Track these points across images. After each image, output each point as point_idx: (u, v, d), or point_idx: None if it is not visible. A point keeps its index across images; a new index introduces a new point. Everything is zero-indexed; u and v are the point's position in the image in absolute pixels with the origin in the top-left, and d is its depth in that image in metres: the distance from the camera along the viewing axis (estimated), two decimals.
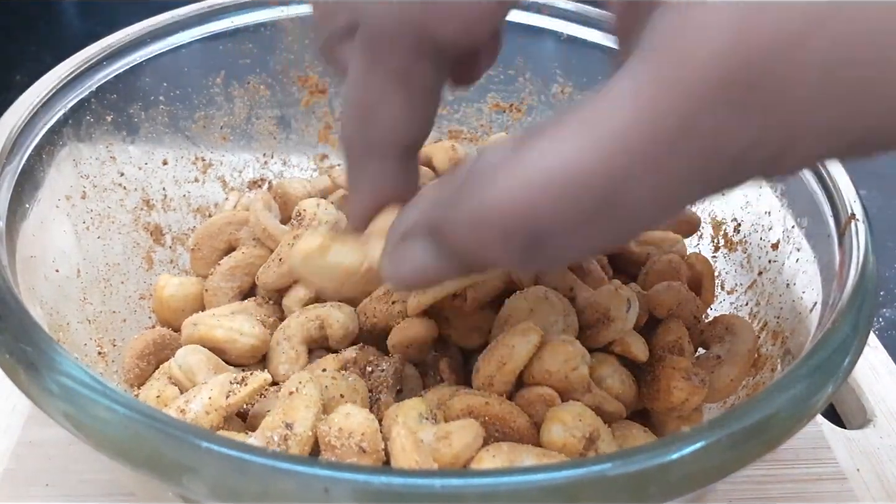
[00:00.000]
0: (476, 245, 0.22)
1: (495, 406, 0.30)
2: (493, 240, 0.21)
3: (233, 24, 0.45)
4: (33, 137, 0.35)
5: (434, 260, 0.24)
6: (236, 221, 0.41)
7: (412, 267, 0.25)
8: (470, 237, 0.22)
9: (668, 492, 0.22)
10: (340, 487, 0.21)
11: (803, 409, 0.25)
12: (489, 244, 0.21)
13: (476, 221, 0.21)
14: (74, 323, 0.34)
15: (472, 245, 0.22)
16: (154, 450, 0.22)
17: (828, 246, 0.34)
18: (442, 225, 0.23)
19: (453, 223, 0.22)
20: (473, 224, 0.22)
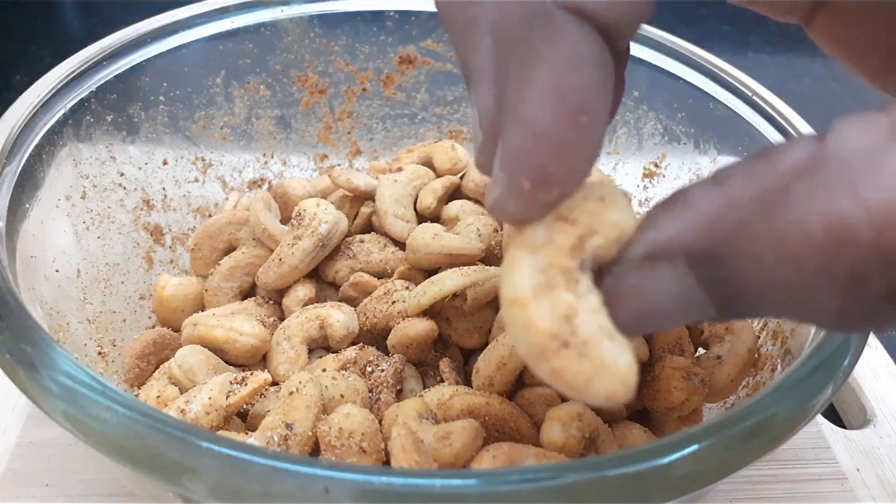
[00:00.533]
0: (787, 276, 0.16)
1: (495, 406, 0.30)
2: (830, 269, 0.15)
3: (233, 24, 0.45)
4: (33, 137, 0.35)
5: (689, 297, 0.18)
6: (236, 221, 0.41)
7: (650, 303, 0.19)
8: (773, 262, 0.16)
9: (668, 492, 0.22)
10: (340, 487, 0.21)
11: (803, 409, 0.25)
12: (820, 275, 0.15)
13: (796, 237, 0.15)
14: (74, 323, 0.34)
15: (766, 275, 0.16)
16: (154, 450, 0.22)
17: None
18: (727, 244, 0.17)
19: (750, 241, 0.16)
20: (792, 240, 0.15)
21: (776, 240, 0.16)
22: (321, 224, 0.38)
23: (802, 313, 0.17)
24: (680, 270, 0.18)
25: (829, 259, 0.15)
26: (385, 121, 0.51)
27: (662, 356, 0.34)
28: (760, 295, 0.17)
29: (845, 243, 0.15)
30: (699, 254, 0.17)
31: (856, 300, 0.15)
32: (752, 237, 0.16)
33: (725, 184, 0.17)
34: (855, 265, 0.15)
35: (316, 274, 0.39)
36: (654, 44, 0.46)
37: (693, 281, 0.18)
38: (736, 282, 0.17)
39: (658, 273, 0.18)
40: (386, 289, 0.36)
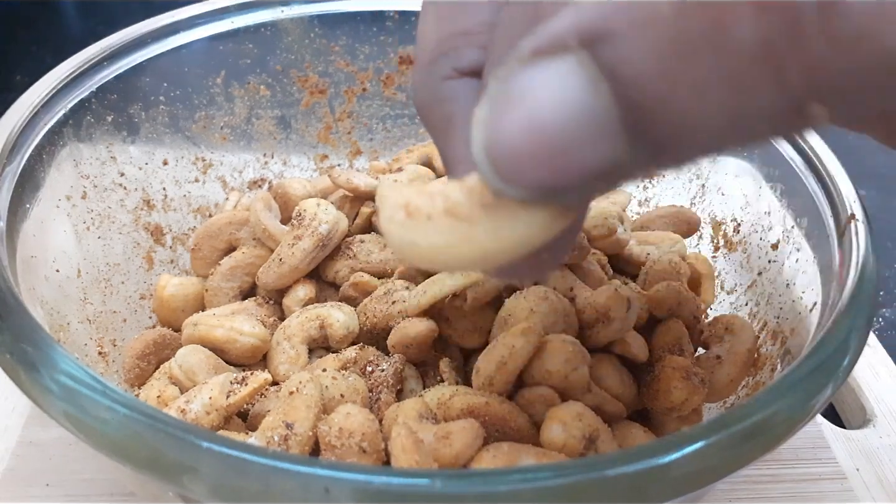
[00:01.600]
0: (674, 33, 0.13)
1: (495, 406, 0.30)
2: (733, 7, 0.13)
3: (233, 24, 0.45)
4: (34, 137, 0.35)
5: (585, 93, 0.14)
6: (236, 221, 0.41)
7: (539, 103, 0.15)
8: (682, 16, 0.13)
9: (668, 492, 0.22)
10: (341, 487, 0.21)
11: (803, 409, 0.25)
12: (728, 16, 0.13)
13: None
14: (75, 323, 0.34)
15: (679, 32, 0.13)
16: (154, 450, 0.22)
17: (827, 246, 0.34)
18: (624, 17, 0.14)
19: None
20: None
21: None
22: (321, 224, 0.38)
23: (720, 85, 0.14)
24: (572, 60, 0.14)
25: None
26: (385, 121, 0.51)
27: (662, 356, 0.34)
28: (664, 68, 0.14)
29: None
30: (593, 30, 0.14)
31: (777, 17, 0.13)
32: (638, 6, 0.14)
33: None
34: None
35: (316, 274, 0.39)
36: None
37: (591, 70, 0.14)
38: (637, 55, 0.14)
39: (548, 65, 0.15)
40: (386, 289, 0.36)
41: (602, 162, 0.15)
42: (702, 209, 0.45)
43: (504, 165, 0.15)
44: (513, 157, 0.15)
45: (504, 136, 0.15)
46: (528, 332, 0.30)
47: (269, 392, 0.33)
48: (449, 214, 0.17)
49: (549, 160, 0.15)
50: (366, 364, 0.34)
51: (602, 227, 0.39)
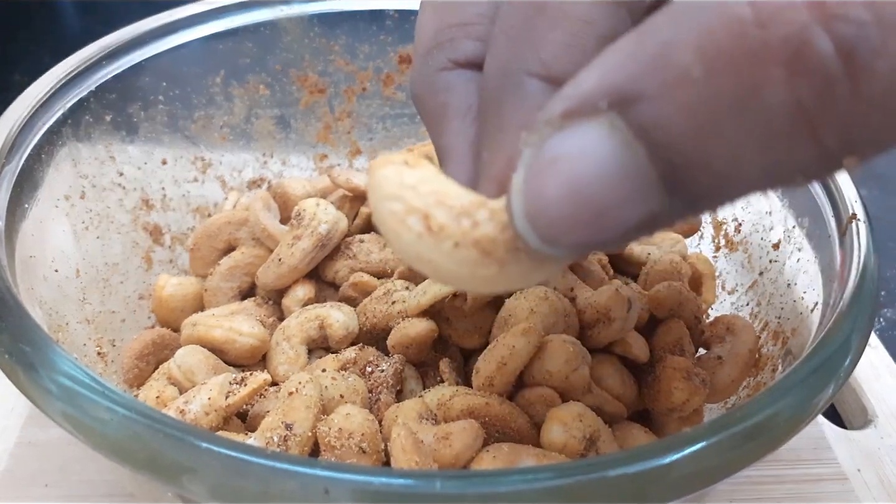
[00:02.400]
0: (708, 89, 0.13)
1: (495, 406, 0.30)
2: (746, 54, 0.13)
3: (232, 23, 0.45)
4: (32, 137, 0.35)
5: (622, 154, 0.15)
6: (236, 221, 0.41)
7: (577, 169, 0.15)
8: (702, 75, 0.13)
9: (669, 493, 0.22)
10: (340, 488, 0.21)
11: (804, 409, 0.25)
12: (739, 67, 0.13)
13: (722, 25, 0.13)
14: (73, 323, 0.34)
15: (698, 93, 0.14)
16: (154, 450, 0.22)
17: (829, 246, 0.34)
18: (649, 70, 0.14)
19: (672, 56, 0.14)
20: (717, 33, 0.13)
21: (700, 41, 0.13)
22: (321, 224, 0.38)
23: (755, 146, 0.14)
24: (605, 122, 0.15)
25: (762, 35, 0.13)
26: (385, 120, 0.51)
27: (663, 356, 0.34)
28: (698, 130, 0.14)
29: (776, 10, 0.13)
30: (623, 91, 0.14)
31: (808, 80, 0.13)
32: (673, 51, 0.14)
33: (641, 26, 0.15)
34: (793, 31, 0.13)
35: (315, 274, 0.39)
36: None
37: (623, 133, 0.14)
38: (669, 118, 0.14)
39: (581, 129, 0.15)
40: (386, 289, 0.36)
41: (640, 218, 0.15)
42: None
43: (546, 231, 0.16)
44: (554, 224, 0.15)
45: (544, 203, 0.15)
46: (529, 332, 0.30)
47: (269, 392, 0.33)
48: (479, 248, 0.17)
49: (590, 222, 0.15)
50: (365, 364, 0.34)
51: None
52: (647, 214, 0.15)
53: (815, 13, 0.13)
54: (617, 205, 0.15)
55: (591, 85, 0.15)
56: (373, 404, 0.32)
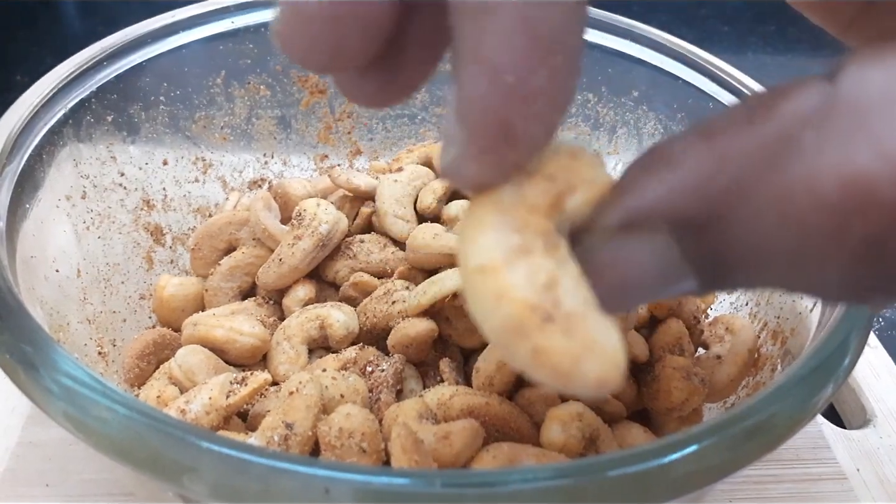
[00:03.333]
0: (791, 241, 0.13)
1: (495, 406, 0.30)
2: (845, 233, 0.13)
3: (233, 24, 0.45)
4: (33, 137, 0.35)
5: (672, 269, 0.16)
6: (236, 221, 0.41)
7: (629, 275, 0.16)
8: (773, 228, 0.13)
9: (668, 492, 0.22)
10: (341, 487, 0.21)
11: (803, 409, 0.25)
12: (831, 240, 0.13)
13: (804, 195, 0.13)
14: (75, 323, 0.34)
15: (764, 243, 0.14)
16: (154, 450, 0.22)
17: None
18: (718, 208, 0.14)
19: (747, 203, 0.14)
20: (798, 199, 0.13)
21: (779, 200, 0.13)
22: (321, 224, 0.38)
23: (800, 285, 0.14)
24: (662, 240, 0.15)
25: (842, 222, 0.13)
26: (385, 121, 0.51)
27: (662, 356, 0.34)
28: (755, 266, 0.14)
29: (863, 203, 0.12)
30: (685, 221, 0.15)
31: (867, 271, 0.13)
32: (750, 198, 0.14)
33: (715, 136, 0.15)
34: (872, 229, 0.13)
35: (316, 274, 0.39)
36: (653, 44, 0.46)
37: (677, 252, 0.15)
38: (728, 252, 0.14)
39: (637, 243, 0.16)
40: (386, 289, 0.36)
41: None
42: None
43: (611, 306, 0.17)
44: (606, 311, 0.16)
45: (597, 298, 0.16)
46: None
47: (269, 392, 0.33)
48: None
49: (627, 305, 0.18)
50: (366, 364, 0.34)
51: None
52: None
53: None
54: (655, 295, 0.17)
55: (653, 202, 0.15)
56: (373, 404, 0.32)
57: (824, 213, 0.13)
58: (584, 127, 0.49)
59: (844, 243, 0.13)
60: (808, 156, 0.13)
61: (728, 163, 0.14)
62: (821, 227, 0.13)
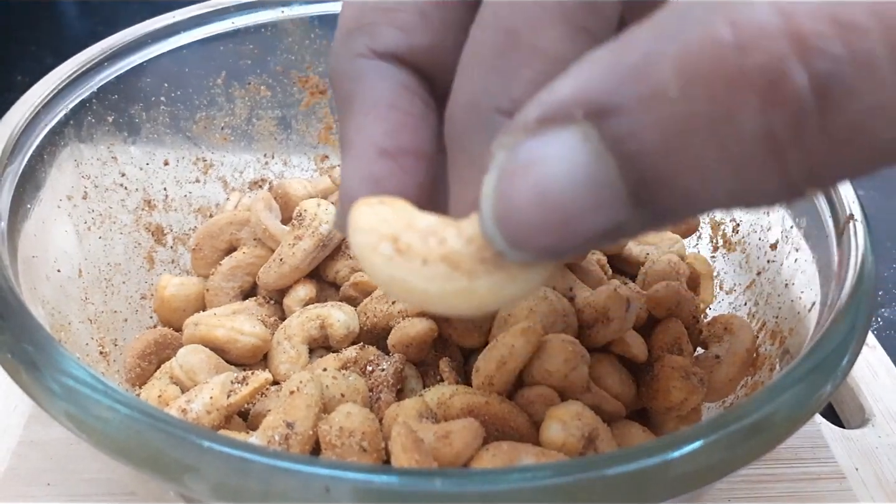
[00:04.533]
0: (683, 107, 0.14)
1: (495, 405, 0.30)
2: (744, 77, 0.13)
3: (234, 24, 0.45)
4: (35, 138, 0.35)
5: (592, 166, 0.15)
6: (237, 222, 0.41)
7: (547, 175, 0.15)
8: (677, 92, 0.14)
9: (667, 491, 0.22)
10: (341, 486, 0.21)
11: (802, 408, 0.25)
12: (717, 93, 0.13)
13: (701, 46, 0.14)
14: (76, 323, 0.34)
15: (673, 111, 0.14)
16: (156, 449, 0.22)
17: (826, 246, 0.34)
18: (626, 82, 0.14)
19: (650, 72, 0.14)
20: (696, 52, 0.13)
21: (679, 60, 0.14)
22: (322, 224, 0.38)
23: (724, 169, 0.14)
24: (578, 131, 0.15)
25: (741, 61, 0.13)
26: None
27: (661, 355, 0.34)
28: (665, 140, 0.14)
29: (756, 36, 0.13)
30: (598, 103, 0.15)
31: (781, 112, 0.13)
32: (651, 67, 0.14)
33: (622, 36, 0.15)
34: (771, 61, 0.13)
35: (317, 274, 0.40)
36: None
37: (595, 145, 0.15)
38: (642, 134, 0.14)
39: (555, 136, 0.15)
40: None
41: (606, 227, 0.16)
42: None
43: (513, 234, 0.16)
44: (522, 227, 0.16)
45: (513, 205, 0.16)
46: (528, 331, 0.31)
47: (270, 392, 0.33)
48: (447, 262, 0.17)
49: (557, 228, 0.15)
50: (366, 364, 0.34)
51: None
52: (613, 224, 0.15)
53: (794, 45, 0.13)
54: (584, 212, 0.15)
55: (567, 93, 0.15)
56: (373, 403, 0.32)
57: (722, 57, 0.13)
58: None
59: (749, 83, 0.13)
60: (700, 15, 0.14)
61: (634, 46, 0.15)
62: (721, 72, 0.13)
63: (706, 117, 0.14)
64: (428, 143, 0.22)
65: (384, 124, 0.21)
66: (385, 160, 0.21)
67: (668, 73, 0.14)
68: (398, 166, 0.21)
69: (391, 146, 0.21)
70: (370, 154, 0.21)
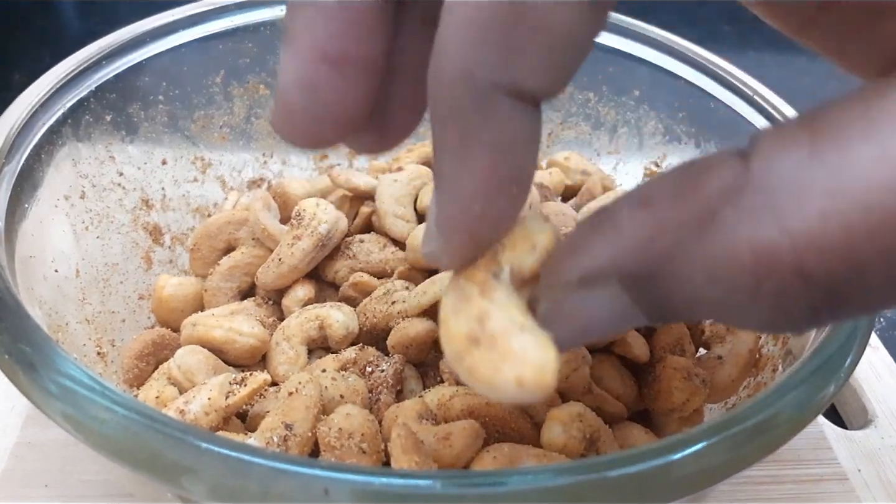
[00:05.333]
0: (719, 294, 0.17)
1: (496, 407, 0.30)
2: (758, 290, 0.16)
3: (232, 23, 0.45)
4: (32, 137, 0.35)
5: (625, 314, 0.19)
6: (235, 221, 0.41)
7: (589, 322, 0.19)
8: (703, 283, 0.17)
9: (670, 493, 0.22)
10: (340, 488, 0.21)
11: (805, 409, 0.25)
12: (749, 295, 0.16)
13: (726, 260, 0.16)
14: (73, 323, 0.34)
15: (697, 294, 0.17)
16: (153, 450, 0.22)
17: None
18: (659, 267, 0.17)
19: (682, 264, 0.17)
20: (721, 263, 0.16)
21: (706, 263, 0.17)
22: (321, 224, 0.38)
23: (732, 323, 0.18)
24: (614, 291, 0.18)
25: (757, 281, 0.16)
26: None
27: (663, 356, 0.34)
28: (691, 310, 0.18)
29: (771, 267, 0.16)
30: (632, 276, 0.18)
31: (782, 314, 0.17)
32: (684, 260, 0.17)
33: (652, 205, 0.18)
34: (780, 286, 0.16)
35: (315, 274, 0.39)
36: (655, 43, 0.46)
37: (627, 300, 0.18)
38: (668, 300, 0.18)
39: (594, 296, 0.19)
40: (386, 289, 0.36)
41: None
42: None
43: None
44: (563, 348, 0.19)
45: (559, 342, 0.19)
46: None
47: (269, 393, 0.33)
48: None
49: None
50: (365, 364, 0.34)
51: None
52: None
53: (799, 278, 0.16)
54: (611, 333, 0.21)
55: (604, 263, 0.18)
56: (373, 404, 0.32)
57: (742, 274, 0.16)
58: (584, 126, 0.49)
59: (761, 296, 0.16)
60: (727, 228, 0.16)
61: (664, 230, 0.17)
62: (740, 284, 0.16)
63: (725, 303, 0.17)
64: (377, 54, 0.21)
65: (332, 24, 0.20)
66: (326, 66, 0.20)
67: (696, 270, 0.17)
68: (339, 74, 0.20)
69: (335, 51, 0.20)
70: (311, 56, 0.20)
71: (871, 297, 0.16)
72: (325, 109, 0.21)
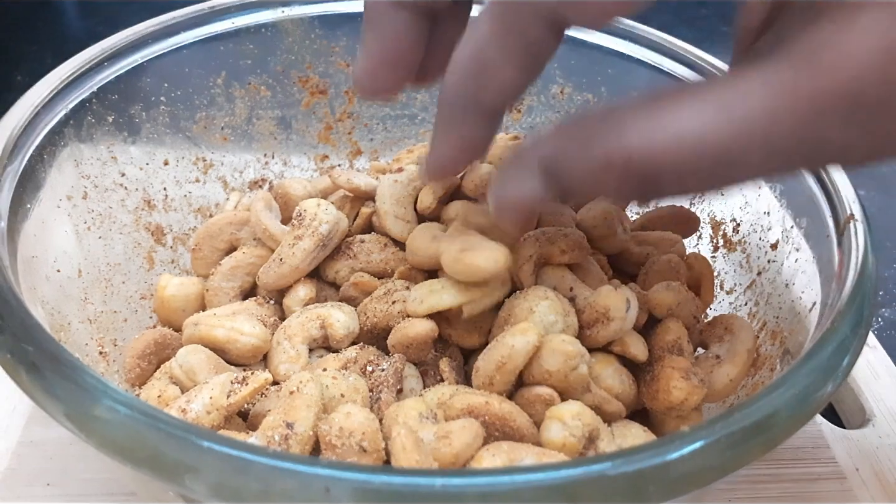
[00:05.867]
0: (591, 180, 0.25)
1: (495, 405, 0.30)
2: (612, 178, 0.24)
3: (234, 24, 0.45)
4: (34, 138, 0.35)
5: (539, 190, 0.26)
6: (237, 222, 0.41)
7: (516, 192, 0.27)
8: (589, 172, 0.24)
9: (668, 491, 0.22)
10: (341, 487, 0.21)
11: (802, 408, 0.25)
12: (606, 180, 0.24)
13: (602, 159, 0.24)
14: (76, 323, 0.34)
15: (587, 179, 0.25)
16: (155, 449, 0.22)
17: (827, 246, 0.34)
18: (562, 159, 0.25)
19: (575, 159, 0.25)
20: (599, 161, 0.24)
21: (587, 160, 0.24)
22: (322, 224, 0.38)
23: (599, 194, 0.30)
24: (531, 173, 0.26)
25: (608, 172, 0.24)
26: (385, 121, 0.51)
27: (662, 356, 0.34)
28: (579, 185, 0.25)
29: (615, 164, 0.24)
30: (546, 158, 0.26)
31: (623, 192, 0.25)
32: (576, 155, 0.25)
33: (566, 122, 0.26)
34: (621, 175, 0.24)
35: (316, 274, 0.40)
36: (652, 44, 0.46)
37: (543, 181, 0.26)
38: (566, 180, 0.25)
39: (520, 173, 0.27)
40: (386, 289, 0.37)
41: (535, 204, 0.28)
42: (701, 209, 0.45)
43: (499, 214, 0.29)
44: (502, 212, 0.29)
45: (499, 204, 0.29)
46: (528, 331, 0.31)
47: (270, 392, 0.33)
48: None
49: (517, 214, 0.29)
50: (366, 364, 0.34)
51: (602, 226, 0.39)
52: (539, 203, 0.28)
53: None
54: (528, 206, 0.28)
55: (532, 153, 0.27)
56: (373, 403, 0.32)
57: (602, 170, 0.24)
58: None
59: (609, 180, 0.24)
60: (595, 143, 0.24)
61: (573, 129, 0.25)
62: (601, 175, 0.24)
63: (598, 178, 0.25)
64: (414, 56, 0.31)
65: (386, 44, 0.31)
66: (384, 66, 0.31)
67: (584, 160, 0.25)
68: (391, 70, 0.31)
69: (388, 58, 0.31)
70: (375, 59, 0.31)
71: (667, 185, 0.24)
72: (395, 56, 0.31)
